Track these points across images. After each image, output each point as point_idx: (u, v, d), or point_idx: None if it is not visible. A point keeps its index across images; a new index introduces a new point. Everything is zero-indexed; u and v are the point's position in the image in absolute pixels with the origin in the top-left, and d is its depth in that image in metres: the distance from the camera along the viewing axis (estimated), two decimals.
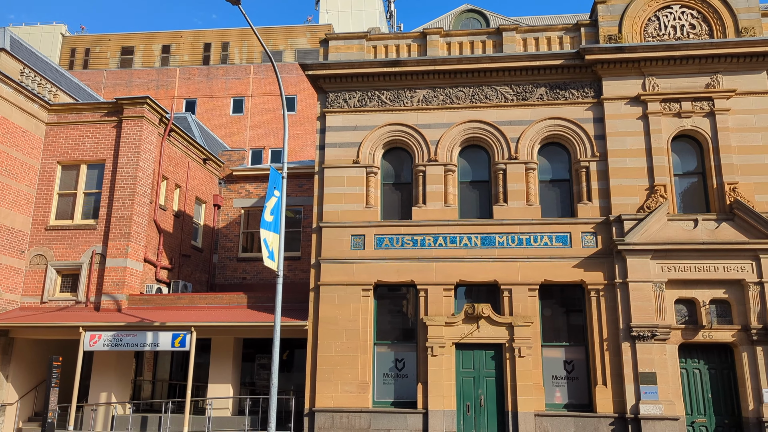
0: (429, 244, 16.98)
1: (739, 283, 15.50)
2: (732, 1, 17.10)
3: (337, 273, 17.06)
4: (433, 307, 16.52)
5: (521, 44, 18.08)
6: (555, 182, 17.50)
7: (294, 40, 37.86)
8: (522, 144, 17.29)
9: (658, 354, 15.26)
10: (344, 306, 16.82)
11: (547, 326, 16.55)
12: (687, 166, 16.92)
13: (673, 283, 15.72)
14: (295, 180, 24.01)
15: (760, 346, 15.03)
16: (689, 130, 16.75)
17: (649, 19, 17.50)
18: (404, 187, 18.08)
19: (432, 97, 18.05)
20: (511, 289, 16.37)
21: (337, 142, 18.04)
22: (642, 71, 17.09)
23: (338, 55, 18.53)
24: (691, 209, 16.52)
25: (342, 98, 18.36)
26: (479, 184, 17.76)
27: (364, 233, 17.23)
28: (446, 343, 16.12)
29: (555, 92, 17.57)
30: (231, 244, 24.50)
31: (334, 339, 16.64)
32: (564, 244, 16.54)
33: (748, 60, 16.67)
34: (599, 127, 17.11)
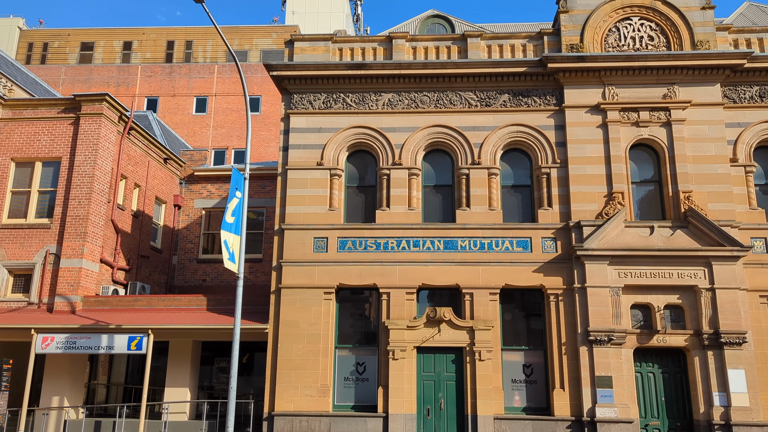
0: (392, 247, 17.00)
1: (692, 289, 15.93)
2: (688, 15, 17.60)
3: (299, 276, 16.94)
4: (396, 311, 16.53)
5: (486, 51, 18.27)
6: (517, 188, 17.72)
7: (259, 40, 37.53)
8: (485, 149, 17.47)
9: (614, 358, 15.57)
10: (306, 309, 16.70)
11: (507, 330, 16.72)
12: (644, 174, 17.32)
13: (630, 288, 16.06)
14: (258, 181, 23.77)
15: (711, 351, 15.46)
16: (647, 139, 17.16)
17: (609, 29, 17.89)
18: (368, 190, 18.06)
19: (397, 101, 18.10)
20: (472, 293, 16.50)
21: (301, 144, 17.93)
22: (602, 80, 17.45)
23: (304, 57, 18.43)
24: (647, 216, 16.92)
25: (307, 100, 18.26)
26: (443, 188, 17.87)
27: (327, 236, 17.15)
28: (408, 347, 16.14)
29: (518, 99, 17.80)
30: (191, 245, 24.10)
31: (295, 342, 16.50)
32: (525, 249, 16.74)
33: (703, 72, 17.17)
34: (560, 134, 17.40)
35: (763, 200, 17.06)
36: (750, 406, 15.02)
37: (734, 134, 17.05)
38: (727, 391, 15.13)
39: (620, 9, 17.90)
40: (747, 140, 17.02)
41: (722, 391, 15.19)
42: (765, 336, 15.72)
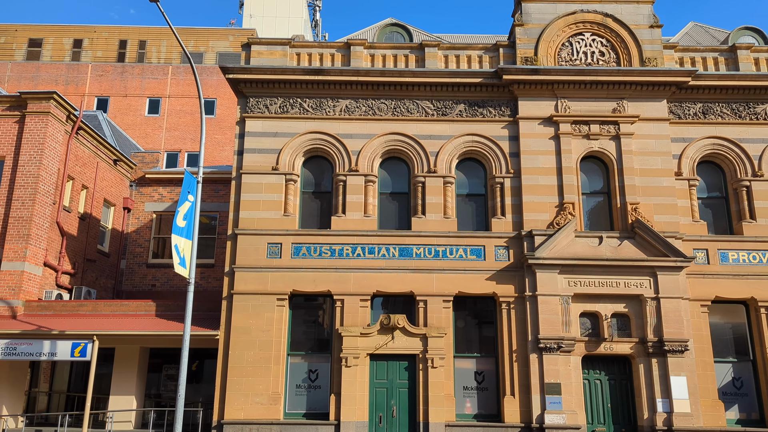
0: (347, 254, 16.95)
1: (638, 298, 16.39)
2: (637, 33, 18.20)
3: (252, 282, 16.71)
4: (349, 318, 16.47)
5: (443, 61, 18.47)
6: (471, 196, 17.94)
7: (216, 42, 37.02)
8: (441, 158, 17.63)
9: (563, 365, 15.87)
10: (258, 315, 16.47)
11: (460, 337, 16.86)
12: (594, 186, 17.78)
13: (579, 297, 16.42)
14: (212, 185, 23.39)
15: (655, 358, 15.93)
16: (597, 151, 17.63)
17: (563, 44, 18.34)
18: (324, 196, 17.99)
19: (354, 108, 18.11)
20: (426, 301, 16.58)
21: (256, 148, 17.73)
22: (555, 93, 17.85)
23: (261, 61, 18.26)
24: (597, 227, 17.35)
25: (263, 104, 18.09)
26: (399, 195, 17.94)
27: (281, 241, 16.98)
28: (361, 354, 16.10)
29: (474, 109, 18.05)
30: (141, 249, 23.50)
31: (247, 349, 16.25)
32: (478, 257, 16.94)
33: (650, 88, 17.76)
34: (514, 144, 17.71)
35: (706, 213, 17.72)
36: (691, 412, 15.52)
37: (679, 149, 17.68)
38: (669, 397, 15.60)
39: (573, 24, 18.38)
40: (691, 155, 17.67)
41: (665, 398, 15.65)
42: (705, 344, 16.29)
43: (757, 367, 16.49)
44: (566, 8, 18.46)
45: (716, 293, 16.60)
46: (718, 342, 16.69)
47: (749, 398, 16.48)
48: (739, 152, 17.65)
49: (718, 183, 18.02)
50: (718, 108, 17.98)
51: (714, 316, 16.78)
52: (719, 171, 18.06)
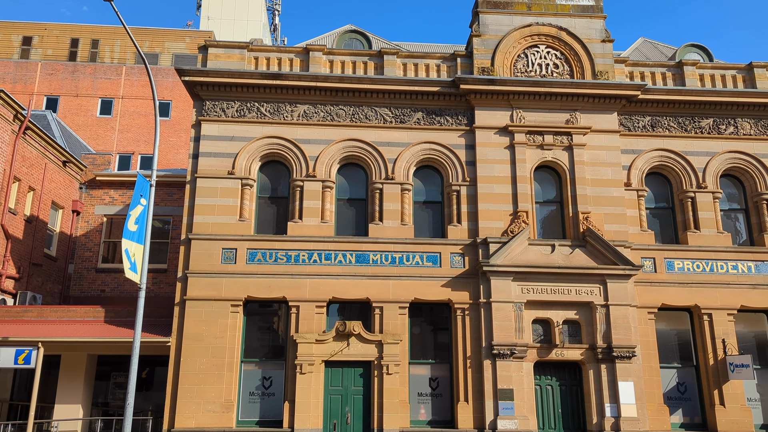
0: (303, 260, 16.85)
1: (588, 305, 16.79)
2: (590, 47, 18.71)
3: (206, 287, 16.44)
4: (305, 324, 16.36)
5: (401, 68, 18.61)
6: (428, 204, 18.09)
7: (172, 43, 36.39)
8: (399, 165, 17.73)
9: (515, 371, 16.11)
10: (211, 322, 16.21)
11: (415, 344, 16.94)
12: (547, 195, 18.15)
13: (532, 304, 16.71)
14: (165, 188, 22.93)
15: (604, 364, 16.33)
16: (550, 161, 18.02)
17: (519, 55, 18.71)
18: (281, 201, 17.86)
19: (313, 113, 18.06)
20: (382, 307, 16.61)
21: (212, 152, 17.49)
22: (511, 104, 18.19)
23: (218, 63, 18.06)
24: (549, 235, 17.72)
25: (219, 107, 17.87)
26: (356, 201, 17.95)
27: (236, 247, 16.78)
28: (316, 361, 16.00)
29: (431, 117, 18.23)
30: (90, 253, 22.85)
31: (199, 356, 15.96)
32: (434, 264, 17.08)
33: (602, 101, 18.28)
34: (470, 153, 17.94)
35: (653, 223, 18.29)
36: (638, 417, 15.95)
37: (628, 160, 18.22)
38: (617, 402, 16.01)
39: (529, 37, 18.78)
40: (640, 166, 18.24)
41: (613, 403, 16.05)
42: (652, 350, 16.79)
43: (700, 373, 17.08)
44: (522, 21, 18.85)
45: (662, 301, 17.14)
46: (663, 348, 17.22)
47: (692, 403, 17.05)
48: (685, 164, 18.31)
49: (665, 194, 18.64)
50: (666, 121, 18.62)
51: (660, 322, 17.32)
52: (666, 182, 18.69)
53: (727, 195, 18.66)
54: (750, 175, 18.45)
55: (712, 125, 18.68)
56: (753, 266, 17.56)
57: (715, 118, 18.74)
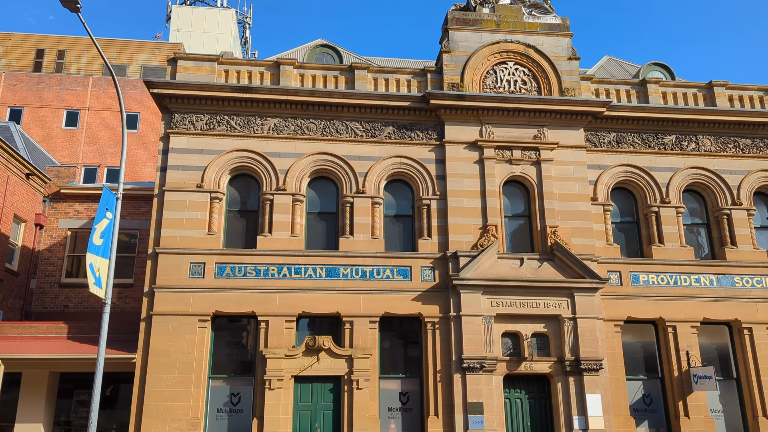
0: (273, 274, 16.72)
1: (556, 318, 16.97)
2: (557, 64, 19.09)
3: (173, 302, 16.18)
4: (274, 339, 16.20)
5: (372, 83, 18.72)
6: (399, 217, 18.14)
7: (140, 55, 36.01)
8: (369, 179, 17.77)
9: (485, 385, 16.17)
10: (179, 337, 15.94)
11: (385, 358, 16.90)
12: (516, 209, 18.37)
13: (501, 317, 16.83)
14: (132, 202, 22.55)
15: (572, 377, 16.50)
16: (519, 176, 18.26)
17: (487, 72, 18.98)
18: (250, 214, 17.73)
19: (283, 127, 18.02)
20: (352, 321, 16.55)
21: (180, 165, 17.31)
22: (480, 119, 18.42)
23: (187, 76, 17.92)
24: (518, 249, 17.90)
25: (189, 120, 17.72)
26: (327, 215, 17.92)
27: (204, 261, 16.57)
28: (285, 376, 15.84)
29: (402, 132, 18.34)
30: (53, 268, 22.31)
31: (166, 373, 15.66)
32: (405, 278, 17.10)
33: (569, 117, 18.62)
34: (441, 167, 18.09)
35: (619, 237, 18.63)
36: (605, 429, 16.11)
37: (595, 175, 18.57)
38: (585, 414, 16.16)
39: (497, 53, 19.08)
40: (606, 181, 18.59)
41: (581, 415, 16.20)
42: (618, 362, 17.03)
43: (665, 384, 17.36)
44: (491, 37, 19.16)
45: (628, 313, 17.43)
46: (630, 360, 17.48)
47: (658, 414, 17.31)
48: (649, 180, 18.72)
49: (630, 208, 19.02)
50: (630, 138, 19.05)
51: (626, 335, 17.59)
52: (631, 197, 19.08)
53: (690, 210, 19.12)
54: (711, 191, 18.95)
55: (674, 142, 19.17)
56: (715, 279, 17.98)
57: (678, 134, 19.24)
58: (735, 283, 18.00)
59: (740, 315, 17.66)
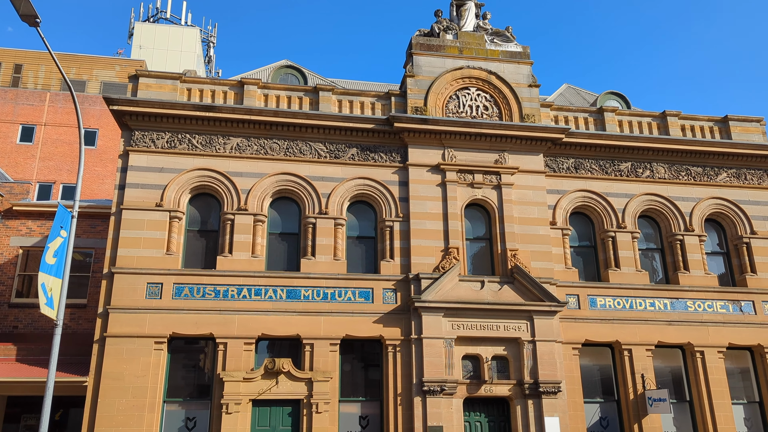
0: (233, 295, 16.47)
1: (516, 341, 17.11)
2: (518, 91, 19.51)
3: (128, 323, 15.77)
4: (232, 362, 15.90)
5: (337, 105, 18.80)
6: (362, 239, 18.13)
7: (101, 71, 35.43)
8: (333, 200, 17.75)
9: (445, 408, 16.14)
10: (133, 360, 15.51)
11: (346, 381, 16.74)
12: (477, 232, 18.57)
13: (462, 339, 16.88)
14: (88, 220, 21.96)
15: (531, 400, 16.60)
16: (480, 199, 18.49)
17: (450, 96, 19.28)
18: (210, 234, 17.49)
19: (246, 146, 17.91)
20: (313, 344, 16.38)
21: (139, 183, 17.00)
22: (443, 143, 18.64)
23: (149, 93, 17.70)
24: (479, 271, 18.06)
25: (149, 138, 17.46)
26: (288, 236, 17.79)
27: (162, 281, 16.23)
28: (243, 400, 15.52)
29: (366, 154, 18.42)
30: (3, 287, 21.49)
31: (119, 397, 15.19)
32: (366, 300, 17.04)
33: (529, 142, 19.00)
34: (404, 190, 18.20)
35: (577, 260, 18.98)
36: None
37: (554, 200, 18.93)
38: None
39: (460, 79, 19.42)
40: (564, 206, 18.97)
41: None
42: (576, 385, 17.22)
43: (621, 407, 17.62)
44: (454, 63, 19.50)
45: (586, 337, 17.69)
46: (587, 383, 17.70)
47: None
48: (606, 205, 19.18)
49: (588, 233, 19.43)
50: (588, 164, 19.53)
51: (584, 358, 17.84)
52: (589, 222, 19.50)
53: (645, 235, 19.63)
54: (665, 217, 19.51)
55: (630, 168, 19.72)
56: (669, 303, 18.43)
57: (633, 161, 19.81)
58: (688, 307, 18.47)
59: (693, 338, 18.10)
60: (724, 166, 20.22)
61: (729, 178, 20.14)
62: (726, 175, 20.16)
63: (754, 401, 18.39)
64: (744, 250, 19.50)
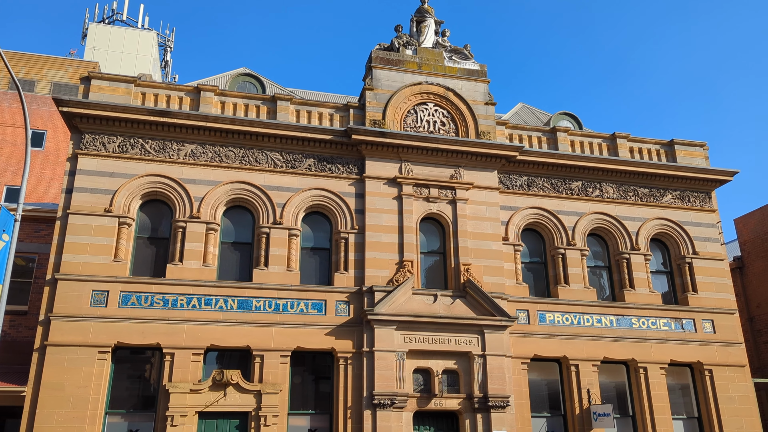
0: (182, 304, 16.13)
1: (466, 355, 17.26)
2: (474, 108, 19.84)
3: (71, 332, 15.25)
4: (179, 373, 15.53)
5: (294, 115, 18.74)
6: (316, 250, 18.04)
7: (51, 71, 34.41)
8: (288, 210, 17.62)
9: (395, 421, 16.12)
10: (75, 370, 14.99)
11: (296, 394, 16.55)
12: (432, 246, 18.71)
13: (414, 353, 16.92)
14: (33, 224, 21.21)
15: (480, 414, 16.73)
16: (435, 213, 18.66)
17: (409, 111, 19.46)
18: (161, 242, 17.12)
19: (200, 153, 17.65)
20: (263, 355, 16.15)
21: (88, 187, 16.54)
22: (400, 156, 18.77)
23: (101, 96, 17.29)
24: (433, 285, 18.18)
25: (100, 141, 17.03)
26: (242, 245, 17.56)
27: (108, 289, 15.78)
28: (189, 412, 15.17)
29: (323, 165, 18.38)
30: None
31: (58, 408, 14.64)
32: (319, 312, 16.94)
33: (484, 159, 19.31)
34: (360, 202, 18.22)
35: (528, 276, 19.30)
36: None
37: (507, 216, 19.25)
38: None
39: (419, 94, 19.63)
40: (516, 222, 19.31)
41: None
42: (524, 399, 17.45)
43: (567, 421, 17.94)
44: (413, 78, 19.71)
45: (535, 352, 17.97)
46: (535, 398, 17.96)
47: None
48: (557, 222, 19.61)
49: (539, 249, 19.80)
50: (540, 182, 19.96)
51: (532, 373, 18.10)
52: (540, 238, 19.88)
53: (594, 253, 20.13)
54: (613, 235, 20.06)
55: (581, 187, 20.23)
56: (615, 320, 18.91)
57: (584, 181, 20.33)
58: (632, 324, 19.00)
59: (637, 355, 18.60)
60: (670, 188, 20.96)
61: (674, 200, 20.87)
62: (671, 196, 20.89)
63: (693, 416, 18.99)
64: (686, 269, 20.20)
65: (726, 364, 19.11)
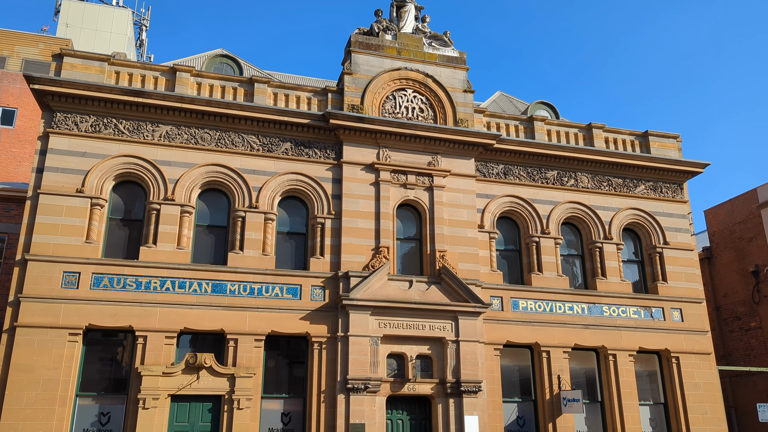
0: (155, 287, 15.99)
1: (440, 340, 17.41)
2: (453, 95, 19.86)
3: (41, 313, 15.04)
4: (152, 356, 15.43)
5: (272, 98, 18.57)
6: (292, 235, 17.98)
7: (23, 48, 33.54)
8: (264, 194, 17.51)
9: (368, 406, 16.23)
10: (45, 352, 14.80)
11: (269, 378, 16.56)
12: (408, 232, 18.77)
13: (388, 338, 17.03)
14: (2, 203, 20.79)
15: (452, 399, 16.93)
16: (412, 200, 18.70)
17: (387, 96, 19.40)
18: (135, 224, 16.92)
19: (176, 135, 17.42)
20: (237, 339, 16.11)
21: (59, 167, 16.24)
22: (378, 142, 18.73)
23: (74, 74, 16.93)
24: (408, 271, 18.26)
25: (72, 120, 16.71)
26: (217, 229, 17.44)
27: (79, 270, 15.57)
28: (161, 395, 15.10)
29: (300, 149, 18.28)
30: None
31: (27, 390, 14.47)
32: (294, 296, 16.92)
33: (461, 147, 19.37)
34: (337, 187, 18.17)
35: (502, 264, 19.49)
36: None
37: (483, 204, 19.37)
38: None
39: (398, 80, 19.57)
40: (492, 210, 19.45)
41: None
42: (496, 385, 17.70)
43: (538, 407, 18.24)
44: (392, 64, 19.64)
45: (507, 338, 18.21)
46: (506, 383, 18.21)
47: None
48: (532, 211, 19.80)
49: (514, 237, 20.00)
50: (517, 170, 20.10)
51: (504, 358, 18.35)
52: (515, 226, 20.07)
53: (567, 241, 20.39)
54: (586, 224, 20.32)
55: (556, 177, 20.43)
56: (586, 308, 19.22)
57: (559, 170, 20.53)
58: (603, 312, 19.33)
59: (607, 342, 18.96)
60: (643, 178, 21.26)
61: (646, 191, 21.19)
62: (644, 187, 21.21)
63: (659, 402, 19.45)
64: (657, 259, 20.57)
65: (692, 352, 19.57)
